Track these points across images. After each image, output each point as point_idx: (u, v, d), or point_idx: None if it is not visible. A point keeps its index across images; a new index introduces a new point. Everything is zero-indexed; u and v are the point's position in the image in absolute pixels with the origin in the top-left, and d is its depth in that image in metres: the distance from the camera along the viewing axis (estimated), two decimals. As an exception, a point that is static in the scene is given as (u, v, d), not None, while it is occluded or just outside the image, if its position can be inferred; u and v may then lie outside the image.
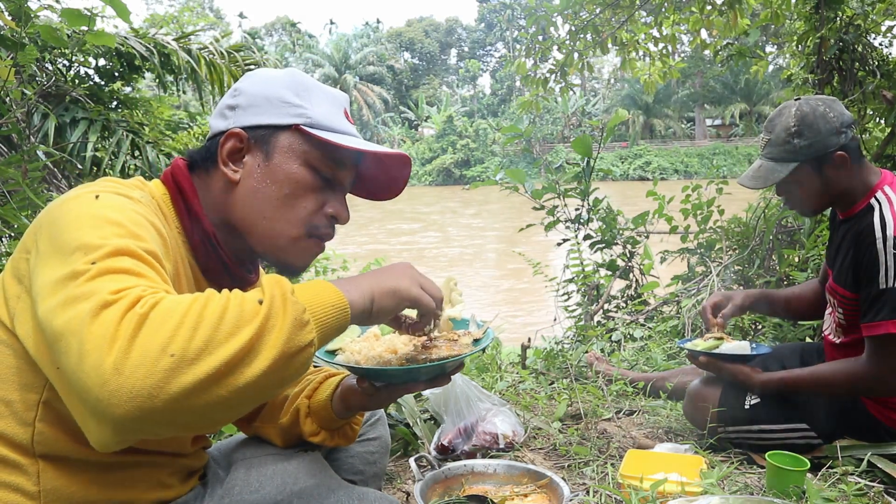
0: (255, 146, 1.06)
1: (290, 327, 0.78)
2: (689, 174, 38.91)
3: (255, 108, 1.07)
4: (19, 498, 0.89)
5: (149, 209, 0.98)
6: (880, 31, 3.81)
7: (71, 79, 4.28)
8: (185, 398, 0.70)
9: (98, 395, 0.69)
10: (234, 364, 0.73)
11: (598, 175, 4.34)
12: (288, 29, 62.19)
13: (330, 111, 1.10)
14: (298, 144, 1.06)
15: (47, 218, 0.91)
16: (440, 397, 2.17)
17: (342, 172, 1.11)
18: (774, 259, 3.71)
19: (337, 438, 1.31)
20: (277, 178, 1.05)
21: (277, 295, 0.79)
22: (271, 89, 1.08)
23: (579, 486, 1.85)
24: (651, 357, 3.19)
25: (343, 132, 1.09)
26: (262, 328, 0.76)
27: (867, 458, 1.77)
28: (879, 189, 1.84)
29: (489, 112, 55.89)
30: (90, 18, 2.21)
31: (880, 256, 1.73)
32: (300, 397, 1.29)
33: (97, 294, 0.74)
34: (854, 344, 1.89)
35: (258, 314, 0.76)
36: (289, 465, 1.24)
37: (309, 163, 1.06)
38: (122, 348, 0.69)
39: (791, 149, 1.87)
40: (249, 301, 0.77)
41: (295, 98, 1.07)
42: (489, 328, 1.17)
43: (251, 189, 1.05)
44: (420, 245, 17.82)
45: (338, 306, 0.86)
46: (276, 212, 1.05)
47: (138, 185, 1.05)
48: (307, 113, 1.07)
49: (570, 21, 5.65)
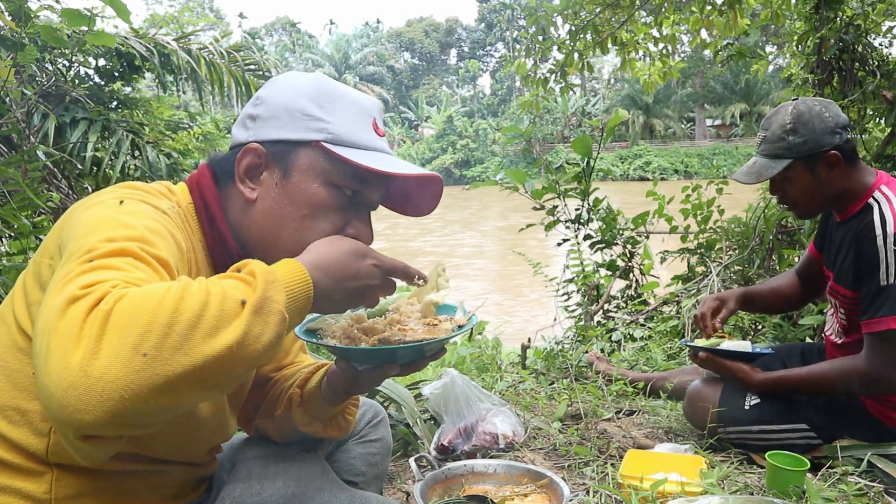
0: (273, 162, 1.01)
1: (272, 333, 0.75)
2: (689, 174, 38.90)
3: (274, 119, 1.02)
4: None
5: (174, 223, 0.95)
6: (880, 31, 3.81)
7: (71, 79, 4.28)
8: (157, 398, 0.66)
9: (62, 400, 0.64)
10: (210, 366, 0.69)
11: (598, 175, 4.34)
12: (288, 29, 62.19)
13: (356, 123, 1.03)
14: (319, 162, 1.00)
15: (71, 222, 0.89)
16: (440, 397, 2.17)
17: (368, 191, 1.05)
18: (774, 259, 3.71)
19: (330, 429, 1.28)
20: (296, 198, 1.00)
21: (269, 297, 0.76)
22: (293, 100, 1.02)
23: (579, 486, 1.85)
24: (651, 357, 3.19)
25: (370, 147, 1.03)
26: (245, 332, 0.72)
27: (867, 458, 1.77)
28: (876, 188, 1.85)
29: (489, 112, 55.89)
30: (90, 18, 2.21)
31: (881, 253, 1.73)
32: (293, 387, 1.27)
33: (68, 289, 0.69)
34: (856, 344, 1.89)
35: (241, 316, 0.72)
36: (290, 467, 1.24)
37: (330, 181, 1.01)
38: (90, 349, 0.64)
39: (786, 146, 1.89)
40: (231, 299, 0.73)
41: (317, 110, 1.01)
42: (474, 315, 1.12)
43: (268, 209, 1.01)
44: (420, 245, 17.82)
45: (303, 298, 0.85)
46: (294, 234, 1.00)
47: (166, 194, 1.01)
48: (329, 128, 1.01)
49: (570, 21, 5.65)
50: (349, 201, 1.03)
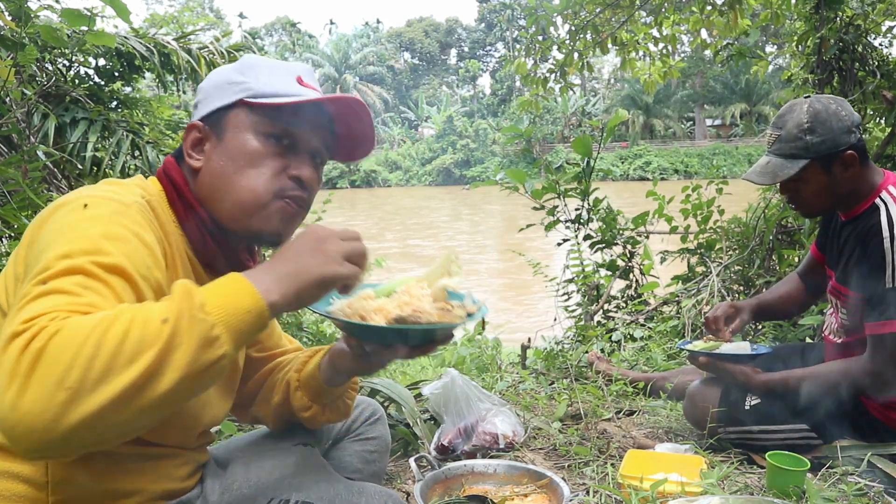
0: (211, 132, 1.09)
1: (195, 347, 0.75)
2: (689, 174, 38.91)
3: (208, 98, 1.11)
4: (28, 489, 0.92)
5: (142, 215, 0.98)
6: (880, 32, 3.82)
7: (71, 79, 4.27)
8: (84, 427, 0.69)
9: (1, 430, 0.70)
10: (133, 390, 0.71)
11: (598, 175, 4.34)
12: (288, 29, 62.16)
13: (277, 78, 1.10)
14: (245, 117, 1.07)
15: (39, 226, 0.93)
16: (440, 397, 2.17)
17: (299, 133, 1.09)
18: (774, 259, 3.71)
19: (329, 413, 1.28)
20: (232, 154, 1.06)
21: (185, 311, 0.76)
22: (219, 76, 1.12)
23: (579, 486, 1.85)
24: (651, 357, 3.19)
25: (292, 94, 1.08)
26: (163, 351, 0.73)
27: (867, 458, 1.77)
28: (883, 189, 1.83)
29: (489, 112, 55.87)
30: (90, 18, 2.21)
31: (888, 255, 1.72)
32: (290, 372, 1.28)
33: (14, 321, 0.73)
34: (855, 344, 1.88)
35: (161, 336, 0.73)
36: (287, 460, 1.25)
37: (259, 131, 1.07)
38: (20, 386, 0.68)
39: (803, 145, 1.84)
40: (153, 321, 0.74)
41: (239, 76, 1.09)
42: (483, 306, 1.13)
43: (212, 171, 1.08)
44: (419, 245, 17.81)
45: (254, 312, 0.82)
46: (237, 185, 1.05)
47: (139, 184, 1.07)
48: (249, 85, 1.08)
49: (570, 21, 5.65)
50: (286, 149, 1.08)
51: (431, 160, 48.54)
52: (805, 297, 2.27)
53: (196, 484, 1.18)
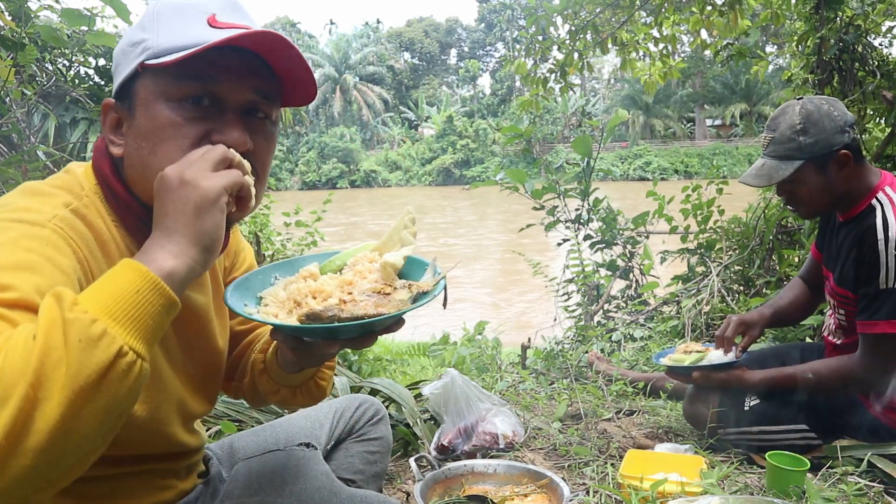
0: (123, 109, 0.94)
1: (77, 353, 0.62)
2: (689, 174, 38.92)
3: (117, 68, 0.94)
4: None
5: (59, 233, 0.83)
6: (880, 32, 3.81)
7: (71, 79, 4.27)
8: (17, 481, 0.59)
9: None
10: (16, 432, 0.59)
11: (598, 175, 4.35)
12: (288, 29, 62.16)
13: (181, 25, 0.90)
14: (150, 84, 0.90)
15: None
16: (440, 397, 2.17)
17: (217, 87, 0.91)
18: (774, 259, 3.71)
19: (301, 397, 1.18)
20: (145, 131, 0.90)
21: (55, 317, 0.64)
22: (125, 39, 0.94)
23: (579, 486, 1.85)
24: (651, 357, 3.19)
25: (200, 43, 0.87)
26: (37, 371, 0.61)
27: (867, 458, 1.77)
28: (880, 190, 1.84)
29: (489, 112, 55.86)
30: (90, 18, 2.21)
31: (882, 257, 1.73)
32: (255, 353, 1.20)
33: None
34: (854, 345, 1.89)
35: (31, 356, 0.61)
36: (289, 466, 1.23)
37: (167, 97, 0.90)
38: None
39: (796, 146, 1.85)
40: (20, 343, 0.62)
41: (140, 34, 0.91)
42: (443, 279, 0.97)
43: (132, 156, 0.92)
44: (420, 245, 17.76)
45: (145, 289, 0.71)
46: (155, 167, 0.86)
47: (71, 185, 0.93)
48: (148, 43, 0.90)
49: (570, 21, 5.64)
50: (205, 111, 0.91)
51: (431, 160, 48.53)
52: (811, 300, 2.26)
53: (196, 485, 1.17)
